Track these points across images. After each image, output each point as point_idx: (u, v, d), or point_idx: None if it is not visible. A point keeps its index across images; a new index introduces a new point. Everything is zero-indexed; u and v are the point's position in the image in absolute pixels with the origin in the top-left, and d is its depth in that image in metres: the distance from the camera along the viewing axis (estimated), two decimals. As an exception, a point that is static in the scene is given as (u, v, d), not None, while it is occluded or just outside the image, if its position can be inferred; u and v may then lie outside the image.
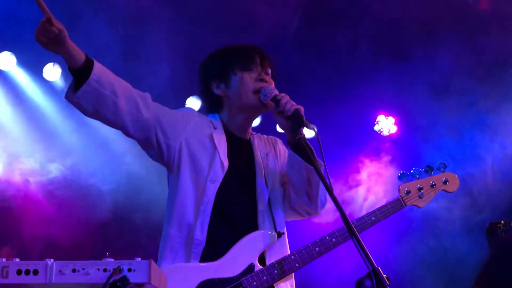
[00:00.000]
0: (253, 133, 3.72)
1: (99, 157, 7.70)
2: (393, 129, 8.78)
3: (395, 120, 8.78)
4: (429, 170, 3.65)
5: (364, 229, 3.45)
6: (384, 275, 2.63)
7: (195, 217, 3.27)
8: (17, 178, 7.42)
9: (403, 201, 3.60)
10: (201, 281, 3.18)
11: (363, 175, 8.69)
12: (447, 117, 8.09)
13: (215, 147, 3.41)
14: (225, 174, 3.37)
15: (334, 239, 3.38)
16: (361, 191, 8.55)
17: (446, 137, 8.15)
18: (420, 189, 3.61)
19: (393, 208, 3.56)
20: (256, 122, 8.01)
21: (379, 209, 3.52)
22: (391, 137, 8.75)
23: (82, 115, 7.95)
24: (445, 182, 3.67)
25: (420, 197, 3.61)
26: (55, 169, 7.56)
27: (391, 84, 8.08)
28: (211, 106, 3.66)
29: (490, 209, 7.76)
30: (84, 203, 7.60)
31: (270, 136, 3.82)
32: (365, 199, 8.45)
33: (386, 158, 8.56)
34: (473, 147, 8.02)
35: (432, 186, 3.65)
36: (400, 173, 3.64)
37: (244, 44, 3.67)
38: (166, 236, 3.32)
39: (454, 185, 3.70)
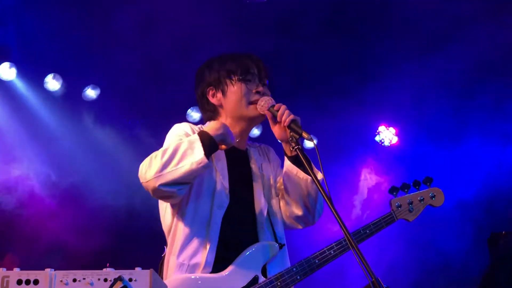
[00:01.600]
0: (248, 142, 3.69)
1: (100, 164, 7.71)
2: (394, 139, 8.79)
3: (396, 131, 8.79)
4: (416, 184, 3.73)
5: (359, 242, 3.47)
6: (384, 286, 2.62)
7: (204, 244, 3.24)
8: (18, 186, 7.45)
9: (395, 214, 3.65)
10: None
11: (363, 185, 8.68)
12: (450, 125, 8.08)
13: (216, 170, 3.37)
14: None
15: (332, 252, 3.38)
16: (360, 201, 8.54)
17: (449, 146, 8.14)
18: (410, 203, 3.69)
19: (386, 222, 3.61)
20: (257, 132, 8.03)
21: (373, 222, 3.56)
22: (392, 148, 8.76)
23: (82, 124, 8.01)
24: (432, 197, 3.74)
25: (410, 211, 3.68)
26: (56, 177, 7.59)
27: (393, 94, 8.07)
28: (207, 114, 3.60)
29: (500, 218, 7.75)
30: (86, 210, 7.62)
31: (262, 145, 3.78)
32: (364, 210, 8.45)
33: (386, 169, 8.56)
34: (477, 155, 8.00)
35: (421, 200, 3.72)
36: (391, 187, 3.70)
37: (242, 53, 3.62)
38: (171, 266, 3.25)
39: (440, 200, 3.77)
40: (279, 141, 3.42)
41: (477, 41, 7.26)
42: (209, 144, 3.10)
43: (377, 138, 8.79)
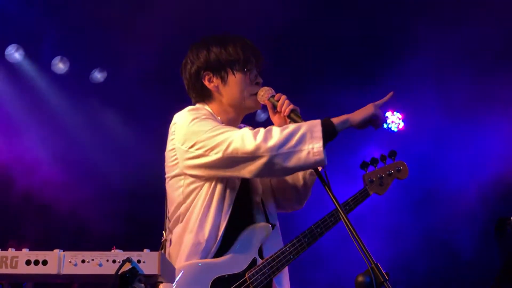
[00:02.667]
0: (241, 124, 3.65)
1: (108, 146, 7.75)
2: (401, 124, 8.80)
3: (402, 116, 8.78)
4: (383, 158, 3.78)
5: (339, 220, 3.49)
6: (384, 271, 2.63)
7: (219, 225, 3.27)
8: (26, 168, 7.50)
9: (368, 189, 3.73)
10: (213, 278, 3.21)
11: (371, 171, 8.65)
12: (457, 110, 8.03)
13: None
14: None
15: (319, 230, 3.45)
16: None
17: (458, 133, 8.11)
18: (380, 177, 3.76)
19: (362, 197, 3.69)
20: (264, 116, 8.03)
21: (352, 198, 3.65)
22: (399, 133, 8.74)
23: (90, 109, 8.03)
24: (398, 170, 3.81)
25: (380, 185, 3.76)
26: (63, 160, 7.63)
27: (398, 80, 8.03)
28: (198, 96, 3.54)
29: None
30: (93, 192, 7.65)
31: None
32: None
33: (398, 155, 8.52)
34: (482, 142, 7.96)
35: (389, 174, 3.79)
36: (362, 162, 3.77)
37: (240, 40, 3.51)
38: (187, 243, 3.27)
39: (405, 172, 3.82)
40: None
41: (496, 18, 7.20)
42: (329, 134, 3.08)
43: (384, 124, 8.79)
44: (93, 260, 2.22)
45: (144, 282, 2.24)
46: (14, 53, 7.41)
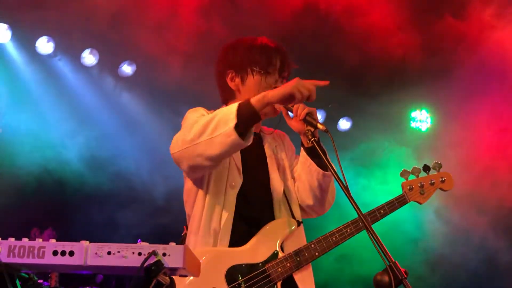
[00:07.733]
0: (262, 127, 3.71)
1: (135, 140, 7.80)
2: (429, 123, 8.75)
3: (430, 114, 8.73)
4: (426, 169, 3.77)
5: (373, 222, 3.55)
6: (402, 269, 2.62)
7: (220, 224, 3.31)
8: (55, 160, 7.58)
9: (407, 196, 3.70)
10: (230, 266, 3.25)
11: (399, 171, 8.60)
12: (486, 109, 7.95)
13: None
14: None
15: (349, 230, 3.46)
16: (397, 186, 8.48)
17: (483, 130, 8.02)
18: (421, 186, 3.74)
19: (399, 203, 3.66)
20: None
21: (387, 203, 3.63)
22: (428, 132, 8.68)
23: (116, 100, 8.04)
24: (442, 181, 3.80)
25: (421, 194, 3.74)
26: (93, 151, 7.70)
27: (426, 79, 7.98)
28: (222, 94, 3.63)
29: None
30: (120, 184, 7.70)
31: (277, 130, 3.79)
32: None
33: (422, 153, 8.48)
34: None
35: (432, 184, 3.77)
36: (402, 171, 3.75)
37: (268, 42, 3.53)
38: (191, 246, 3.32)
39: (450, 184, 3.82)
40: (298, 133, 3.45)
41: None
42: (246, 114, 3.04)
43: (413, 124, 8.75)
44: (119, 252, 2.22)
45: (169, 275, 2.25)
46: (45, 45, 7.47)
